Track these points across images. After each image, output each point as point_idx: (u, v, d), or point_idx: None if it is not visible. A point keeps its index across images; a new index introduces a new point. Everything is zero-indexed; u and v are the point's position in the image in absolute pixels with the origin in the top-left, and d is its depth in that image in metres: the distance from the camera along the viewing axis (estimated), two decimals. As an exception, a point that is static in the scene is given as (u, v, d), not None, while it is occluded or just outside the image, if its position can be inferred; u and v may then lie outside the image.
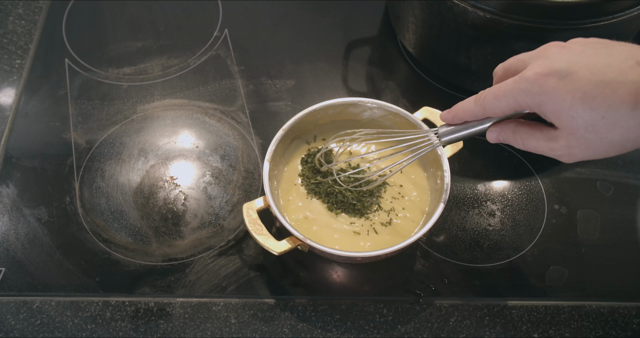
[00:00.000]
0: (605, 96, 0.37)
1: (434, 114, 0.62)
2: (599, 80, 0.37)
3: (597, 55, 0.39)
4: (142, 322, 0.58)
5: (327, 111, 0.62)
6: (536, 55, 0.42)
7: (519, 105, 0.42)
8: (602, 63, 0.38)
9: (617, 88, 0.37)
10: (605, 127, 0.38)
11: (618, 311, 0.60)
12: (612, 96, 0.37)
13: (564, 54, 0.40)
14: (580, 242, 0.64)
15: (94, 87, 0.76)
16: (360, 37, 0.81)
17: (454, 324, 0.59)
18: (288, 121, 0.60)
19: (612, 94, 0.37)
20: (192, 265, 0.62)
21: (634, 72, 0.37)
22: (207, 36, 0.81)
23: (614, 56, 0.38)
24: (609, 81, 0.37)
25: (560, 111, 0.39)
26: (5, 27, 0.81)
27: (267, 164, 0.57)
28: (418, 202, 0.62)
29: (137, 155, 0.70)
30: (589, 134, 0.39)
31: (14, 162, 0.69)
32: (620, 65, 0.37)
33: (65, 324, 0.58)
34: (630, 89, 0.36)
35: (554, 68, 0.39)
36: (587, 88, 0.38)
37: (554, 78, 0.39)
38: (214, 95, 0.75)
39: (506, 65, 0.45)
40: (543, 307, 0.60)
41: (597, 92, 0.37)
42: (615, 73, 0.37)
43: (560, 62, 0.39)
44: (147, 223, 0.65)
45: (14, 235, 0.64)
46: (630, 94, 0.36)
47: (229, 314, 0.59)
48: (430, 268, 0.62)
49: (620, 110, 0.37)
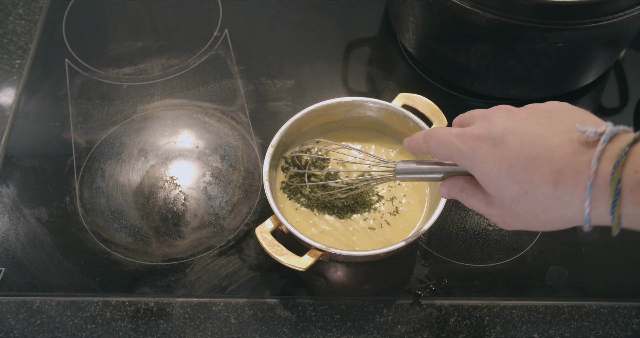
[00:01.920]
0: (529, 172, 0.36)
1: (412, 99, 0.62)
2: (525, 154, 0.36)
3: (535, 125, 0.37)
4: (142, 322, 0.58)
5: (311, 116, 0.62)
6: (484, 116, 0.41)
7: (454, 161, 0.42)
8: (535, 135, 0.36)
9: (541, 165, 0.35)
10: (529, 203, 0.37)
11: (618, 311, 0.60)
12: (535, 173, 0.35)
13: (505, 120, 0.39)
14: (580, 242, 0.64)
15: (94, 87, 0.76)
16: (360, 37, 0.81)
17: (454, 324, 0.59)
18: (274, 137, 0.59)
19: (535, 171, 0.35)
20: (192, 265, 0.62)
21: (561, 150, 0.35)
22: (207, 36, 0.81)
23: (552, 128, 0.36)
24: (534, 156, 0.36)
25: (487, 180, 0.39)
26: (5, 27, 0.81)
27: (267, 183, 0.57)
28: (416, 185, 0.63)
29: (137, 155, 0.70)
30: (515, 207, 0.38)
31: (14, 162, 0.69)
32: (552, 140, 0.36)
33: (65, 324, 0.58)
34: (553, 167, 0.35)
35: (490, 134, 0.38)
36: (513, 160, 0.36)
37: (487, 145, 0.38)
38: (214, 95, 0.75)
39: (461, 118, 0.45)
40: (543, 307, 0.60)
41: (522, 166, 0.36)
42: (543, 148, 0.35)
43: (498, 128, 0.38)
44: (147, 223, 0.65)
45: (14, 235, 0.64)
46: (552, 173, 0.35)
47: (229, 314, 0.59)
48: (430, 268, 0.62)
49: (542, 188, 0.35)
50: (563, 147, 0.35)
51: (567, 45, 0.61)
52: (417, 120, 0.60)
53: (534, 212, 0.37)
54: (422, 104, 0.61)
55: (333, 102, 0.61)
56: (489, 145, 0.38)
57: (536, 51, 0.62)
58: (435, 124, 0.61)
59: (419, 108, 0.61)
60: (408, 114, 0.60)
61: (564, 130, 0.36)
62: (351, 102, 0.61)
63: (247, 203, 0.66)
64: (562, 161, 0.35)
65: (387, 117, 0.63)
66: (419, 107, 0.61)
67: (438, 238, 0.64)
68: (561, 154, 0.35)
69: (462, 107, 0.75)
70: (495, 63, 0.67)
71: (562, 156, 0.35)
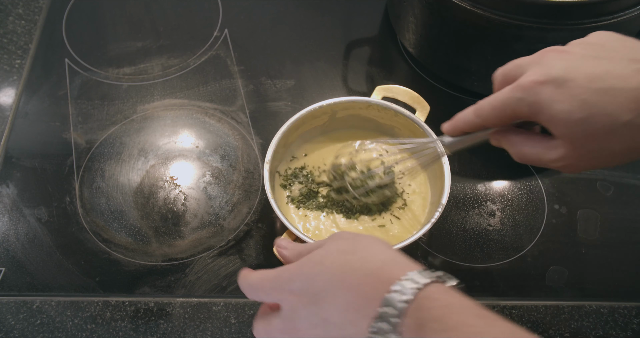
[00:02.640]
0: (605, 104, 0.35)
1: (391, 90, 0.61)
2: (597, 88, 0.36)
3: (596, 60, 0.37)
4: (142, 322, 0.58)
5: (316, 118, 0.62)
6: (533, 61, 0.40)
7: (516, 115, 0.40)
8: (601, 69, 0.36)
9: (617, 95, 0.35)
10: (605, 137, 0.37)
11: (618, 311, 0.60)
12: (611, 104, 0.35)
13: (561, 60, 0.38)
14: (580, 242, 0.64)
15: (94, 87, 0.76)
16: (360, 37, 0.81)
17: (454, 324, 0.59)
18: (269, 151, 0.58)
19: (612, 102, 0.35)
20: (192, 265, 0.62)
21: (635, 79, 0.35)
22: (207, 36, 0.81)
23: (615, 61, 0.37)
24: (607, 88, 0.35)
25: (557, 120, 0.38)
26: (5, 27, 0.81)
27: (273, 200, 0.55)
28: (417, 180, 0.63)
29: (137, 155, 0.70)
30: (589, 143, 0.37)
31: (14, 162, 0.69)
32: (621, 71, 0.36)
33: (65, 324, 0.58)
34: (631, 96, 0.35)
35: (551, 75, 0.38)
36: (584, 96, 0.36)
37: (551, 86, 0.37)
38: (214, 95, 0.75)
39: (505, 70, 0.43)
40: (543, 307, 0.60)
41: (596, 100, 0.36)
42: (615, 80, 0.35)
43: (557, 68, 0.38)
44: (147, 223, 0.65)
45: (14, 235, 0.64)
46: (631, 102, 0.35)
47: (229, 314, 0.59)
48: (430, 268, 0.62)
49: (621, 119, 0.35)
50: (634, 76, 0.35)
51: (567, 45, 0.61)
52: (401, 110, 0.60)
53: (609, 147, 0.37)
54: (402, 93, 0.61)
55: (315, 107, 0.61)
56: (552, 86, 0.37)
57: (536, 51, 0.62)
58: (419, 111, 0.61)
59: (399, 98, 0.62)
60: (391, 105, 0.60)
61: (628, 60, 0.36)
62: (333, 105, 0.61)
63: (247, 203, 0.66)
64: (637, 89, 0.35)
65: (370, 112, 0.63)
66: (399, 96, 0.62)
67: (438, 238, 0.64)
68: (635, 83, 0.35)
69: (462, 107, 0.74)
70: (495, 63, 0.66)
71: (636, 85, 0.35)
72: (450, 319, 0.32)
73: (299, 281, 0.40)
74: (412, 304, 0.33)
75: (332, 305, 0.37)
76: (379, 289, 0.35)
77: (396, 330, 0.33)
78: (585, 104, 0.36)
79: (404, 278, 0.35)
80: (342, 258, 0.39)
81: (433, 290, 0.34)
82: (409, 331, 0.33)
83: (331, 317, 0.37)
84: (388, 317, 0.34)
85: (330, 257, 0.40)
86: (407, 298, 0.33)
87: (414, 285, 0.34)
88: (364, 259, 0.38)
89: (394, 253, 0.39)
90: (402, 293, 0.34)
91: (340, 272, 0.38)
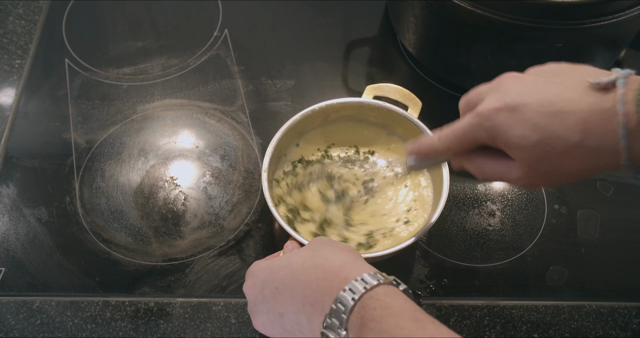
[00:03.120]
0: (555, 127, 0.36)
1: (381, 88, 0.61)
2: (548, 112, 0.37)
3: (548, 85, 0.38)
4: (142, 322, 0.58)
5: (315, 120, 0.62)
6: (492, 89, 0.41)
7: (476, 141, 0.42)
8: (552, 93, 0.37)
9: (566, 118, 0.36)
10: (558, 158, 0.37)
11: (618, 311, 0.60)
12: (561, 126, 0.36)
13: (515, 86, 0.39)
14: (580, 242, 0.64)
15: (94, 87, 0.76)
16: (360, 37, 0.81)
17: (454, 324, 0.59)
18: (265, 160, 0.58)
19: (561, 124, 0.36)
20: (192, 265, 0.62)
21: (583, 101, 0.36)
22: (207, 36, 0.81)
23: (565, 84, 0.37)
24: (557, 111, 0.36)
25: (512, 145, 0.39)
26: (5, 27, 0.81)
27: (274, 209, 0.55)
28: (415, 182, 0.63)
29: (137, 155, 0.70)
30: (543, 165, 0.38)
31: (14, 162, 0.69)
32: (570, 94, 0.37)
33: (65, 324, 0.58)
34: (580, 117, 0.36)
35: (505, 102, 0.39)
36: (536, 120, 0.37)
37: (505, 112, 0.39)
38: (214, 95, 0.75)
39: (467, 98, 0.45)
40: (543, 307, 0.60)
41: (547, 123, 0.37)
42: (564, 103, 0.36)
43: (511, 94, 0.39)
44: (147, 223, 0.65)
45: (14, 235, 0.64)
46: (579, 123, 0.36)
47: (229, 314, 0.59)
48: (430, 268, 0.62)
49: (570, 140, 0.36)
50: (582, 98, 0.36)
51: (567, 45, 0.61)
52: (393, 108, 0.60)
53: (563, 168, 0.38)
54: (392, 91, 0.61)
55: (307, 111, 0.61)
56: (506, 112, 0.38)
57: (536, 51, 0.62)
58: (411, 108, 0.61)
59: (391, 96, 0.62)
60: (383, 104, 0.60)
61: (576, 84, 0.37)
62: (325, 107, 0.61)
63: (247, 203, 0.66)
64: (585, 111, 0.36)
65: (362, 112, 0.63)
66: (390, 94, 0.61)
67: (438, 238, 0.64)
68: (583, 105, 0.36)
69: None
70: (495, 63, 0.67)
71: (584, 107, 0.36)
72: (386, 321, 0.35)
73: (263, 274, 0.44)
74: (359, 303, 0.36)
75: (290, 298, 0.40)
76: (334, 286, 0.38)
77: (343, 326, 0.36)
78: (537, 128, 0.37)
79: (359, 278, 0.38)
80: (307, 255, 0.42)
81: (380, 291, 0.37)
82: (353, 328, 0.36)
83: (287, 311, 0.40)
84: (340, 313, 0.36)
85: (298, 254, 0.43)
86: (356, 297, 0.36)
87: (365, 285, 0.37)
88: (325, 258, 0.41)
89: (356, 257, 0.42)
90: (352, 292, 0.37)
91: (302, 267, 0.41)
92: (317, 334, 0.38)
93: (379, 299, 0.36)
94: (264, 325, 0.44)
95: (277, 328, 0.42)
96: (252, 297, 0.45)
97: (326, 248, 0.43)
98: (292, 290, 0.40)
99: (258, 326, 0.45)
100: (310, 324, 0.39)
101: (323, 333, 0.37)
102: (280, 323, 0.41)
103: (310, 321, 0.39)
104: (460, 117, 0.44)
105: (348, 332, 0.36)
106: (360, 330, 0.36)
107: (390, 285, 0.39)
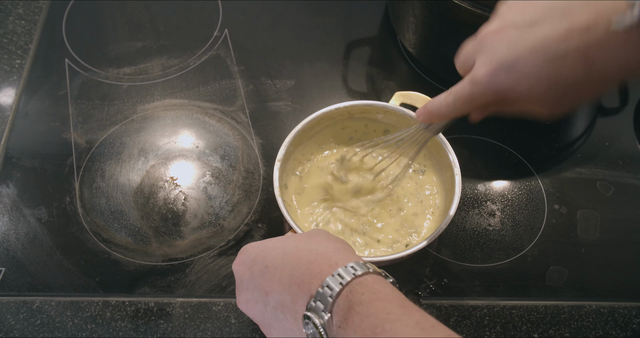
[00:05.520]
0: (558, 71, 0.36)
1: (409, 96, 0.61)
2: (543, 59, 0.36)
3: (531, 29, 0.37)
4: (142, 322, 0.58)
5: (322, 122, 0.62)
6: (478, 50, 0.41)
7: (488, 103, 0.42)
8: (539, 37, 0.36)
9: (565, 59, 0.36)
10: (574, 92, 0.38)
11: (618, 311, 0.60)
12: (563, 69, 0.36)
13: (500, 42, 0.39)
14: (580, 242, 0.64)
15: (94, 87, 0.76)
16: (360, 37, 0.81)
17: (454, 324, 0.59)
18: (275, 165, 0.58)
19: (562, 67, 0.36)
20: (192, 265, 0.62)
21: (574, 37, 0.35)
22: (207, 36, 0.81)
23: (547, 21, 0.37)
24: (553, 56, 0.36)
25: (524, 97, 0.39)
26: (5, 27, 0.81)
27: (280, 199, 0.55)
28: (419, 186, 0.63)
29: (137, 155, 0.70)
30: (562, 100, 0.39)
31: (14, 162, 0.69)
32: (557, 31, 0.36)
33: (65, 324, 0.58)
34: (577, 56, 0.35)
35: (498, 62, 0.39)
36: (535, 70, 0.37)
37: (502, 72, 0.39)
38: (214, 95, 0.75)
39: (460, 61, 0.45)
40: (543, 307, 0.60)
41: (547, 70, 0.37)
42: (555, 44, 0.36)
43: (500, 52, 0.39)
44: (147, 223, 0.65)
45: (14, 235, 0.64)
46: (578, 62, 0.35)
47: (229, 314, 0.59)
48: (430, 268, 0.62)
49: (578, 79, 0.36)
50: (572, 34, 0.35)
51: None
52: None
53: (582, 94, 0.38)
54: (420, 101, 0.61)
55: (332, 109, 0.60)
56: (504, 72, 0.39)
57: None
58: None
59: (417, 105, 0.61)
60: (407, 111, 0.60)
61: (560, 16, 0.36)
62: (350, 107, 0.61)
63: (247, 203, 0.66)
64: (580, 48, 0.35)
65: (386, 117, 0.63)
66: (417, 103, 0.61)
67: (438, 238, 0.64)
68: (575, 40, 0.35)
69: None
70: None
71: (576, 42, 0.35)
72: (373, 305, 0.35)
73: (254, 253, 0.45)
74: (347, 287, 0.37)
75: (277, 277, 0.40)
76: (324, 270, 0.38)
77: (328, 309, 0.36)
78: (541, 77, 0.37)
79: (348, 265, 0.38)
80: (302, 239, 0.43)
81: (369, 279, 0.37)
82: (339, 311, 0.36)
83: (273, 290, 0.41)
84: (326, 297, 0.37)
85: (293, 237, 0.44)
86: (344, 282, 0.37)
87: (354, 271, 0.38)
88: (319, 243, 0.42)
89: (348, 247, 0.43)
90: (341, 277, 0.37)
91: (295, 249, 0.42)
92: (298, 316, 0.38)
93: (367, 285, 0.37)
94: (247, 302, 0.44)
95: (260, 307, 0.42)
96: (240, 274, 0.45)
97: (322, 236, 0.44)
98: (281, 269, 0.41)
99: (241, 304, 0.45)
100: (293, 305, 0.39)
101: (305, 316, 0.37)
102: (264, 301, 0.41)
103: (294, 302, 0.39)
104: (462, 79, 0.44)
105: (332, 315, 0.37)
106: (346, 313, 0.36)
107: (379, 276, 0.39)
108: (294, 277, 0.39)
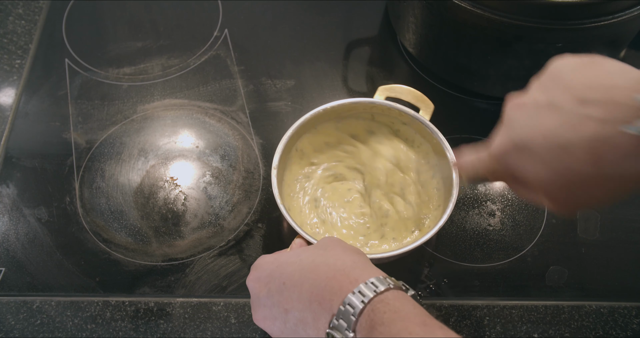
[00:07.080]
0: (564, 161, 0.35)
1: (394, 89, 0.61)
2: (555, 145, 0.35)
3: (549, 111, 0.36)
4: (142, 322, 0.58)
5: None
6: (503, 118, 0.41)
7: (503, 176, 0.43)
8: (554, 122, 0.35)
9: (574, 149, 0.34)
10: (581, 188, 0.37)
11: (618, 311, 0.60)
12: (570, 158, 0.35)
13: (519, 119, 0.39)
14: (580, 242, 0.64)
15: (94, 87, 0.76)
16: (360, 37, 0.81)
17: (453, 324, 0.59)
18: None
19: (570, 156, 0.35)
20: (192, 265, 0.62)
21: (587, 127, 0.33)
22: (207, 36, 0.81)
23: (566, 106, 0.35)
24: (563, 144, 0.35)
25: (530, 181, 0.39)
26: (5, 27, 0.81)
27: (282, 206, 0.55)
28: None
29: (137, 155, 0.70)
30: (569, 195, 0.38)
31: (14, 162, 0.69)
32: (573, 119, 0.34)
33: (65, 324, 0.58)
34: (585, 147, 0.34)
35: (512, 140, 0.39)
36: (544, 156, 0.36)
37: (514, 152, 0.39)
38: (214, 95, 0.75)
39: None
40: (543, 307, 0.60)
41: (556, 157, 0.36)
42: (569, 132, 0.34)
43: (517, 129, 0.38)
44: (147, 223, 0.65)
45: (14, 235, 0.64)
46: (587, 155, 0.34)
47: (229, 314, 0.59)
48: (430, 268, 0.62)
49: (584, 172, 0.35)
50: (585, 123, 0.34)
51: (567, 45, 0.61)
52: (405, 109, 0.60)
53: (586, 194, 0.38)
54: (405, 93, 0.61)
55: (319, 110, 0.60)
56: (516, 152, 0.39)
57: (536, 51, 0.62)
58: (422, 110, 0.61)
59: (403, 97, 0.61)
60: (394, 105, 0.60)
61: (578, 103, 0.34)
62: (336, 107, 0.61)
63: (247, 203, 0.66)
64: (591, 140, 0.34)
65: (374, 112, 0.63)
66: (402, 96, 0.61)
67: (438, 238, 0.64)
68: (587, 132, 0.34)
69: (463, 107, 0.75)
70: (495, 63, 0.67)
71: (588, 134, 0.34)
72: (395, 325, 0.35)
73: (270, 268, 0.44)
74: (369, 306, 0.36)
75: (297, 294, 0.40)
76: (344, 287, 0.38)
77: (351, 328, 0.36)
78: (547, 164, 0.37)
79: (369, 281, 0.38)
80: (318, 253, 0.42)
81: (390, 295, 0.37)
82: (362, 331, 0.36)
83: (293, 307, 0.40)
84: (348, 315, 0.36)
85: (308, 251, 0.43)
86: (365, 300, 0.36)
87: (375, 288, 0.37)
88: (336, 257, 0.41)
89: (366, 259, 0.43)
90: (362, 295, 0.37)
91: (312, 264, 0.41)
92: (321, 333, 0.38)
93: (389, 303, 0.36)
94: (265, 319, 0.43)
95: (279, 324, 0.42)
96: (256, 291, 0.44)
97: (337, 248, 0.43)
98: (300, 286, 0.40)
99: (258, 320, 0.44)
100: (315, 323, 0.39)
101: (329, 334, 0.37)
102: (284, 319, 0.41)
103: (316, 320, 0.38)
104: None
105: (356, 333, 0.36)
106: (368, 333, 0.36)
107: (400, 290, 0.39)
108: (314, 295, 0.39)
